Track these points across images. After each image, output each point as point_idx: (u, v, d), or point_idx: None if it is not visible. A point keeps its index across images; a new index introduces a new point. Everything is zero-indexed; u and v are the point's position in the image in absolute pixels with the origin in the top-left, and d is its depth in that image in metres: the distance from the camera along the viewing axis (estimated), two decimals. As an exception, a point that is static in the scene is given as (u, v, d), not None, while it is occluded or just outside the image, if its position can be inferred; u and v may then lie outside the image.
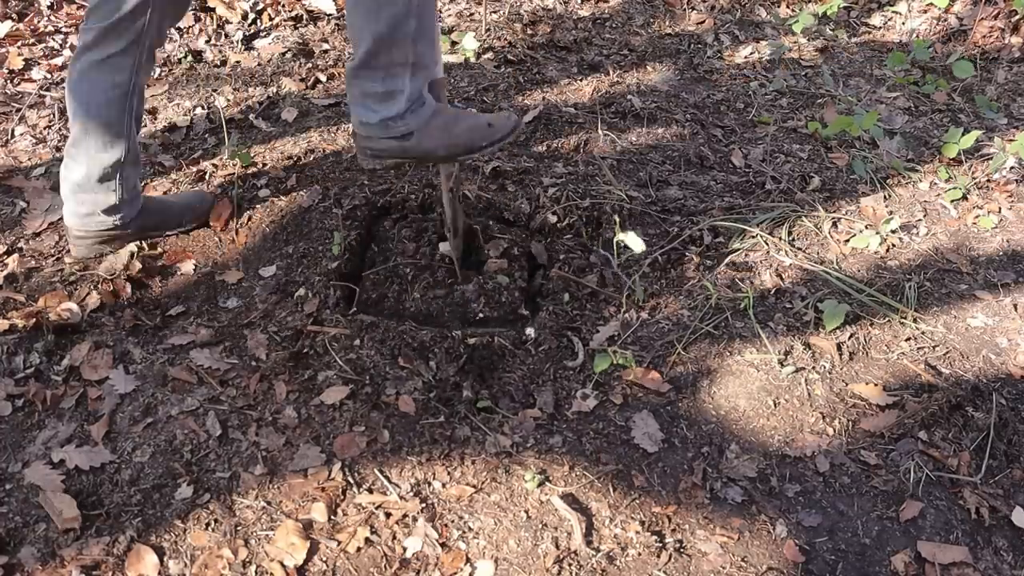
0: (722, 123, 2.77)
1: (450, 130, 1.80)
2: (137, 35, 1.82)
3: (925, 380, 1.86)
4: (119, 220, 2.00)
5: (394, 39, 1.66)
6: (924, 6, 3.58)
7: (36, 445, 1.64)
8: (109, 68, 1.84)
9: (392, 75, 1.71)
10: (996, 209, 2.40)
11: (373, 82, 1.71)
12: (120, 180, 1.95)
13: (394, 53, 1.68)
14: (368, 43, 1.66)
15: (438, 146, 1.80)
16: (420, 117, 1.77)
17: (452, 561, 1.48)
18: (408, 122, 1.76)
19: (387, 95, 1.72)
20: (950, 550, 1.55)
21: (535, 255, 2.19)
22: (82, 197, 1.95)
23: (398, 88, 1.72)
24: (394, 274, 2.07)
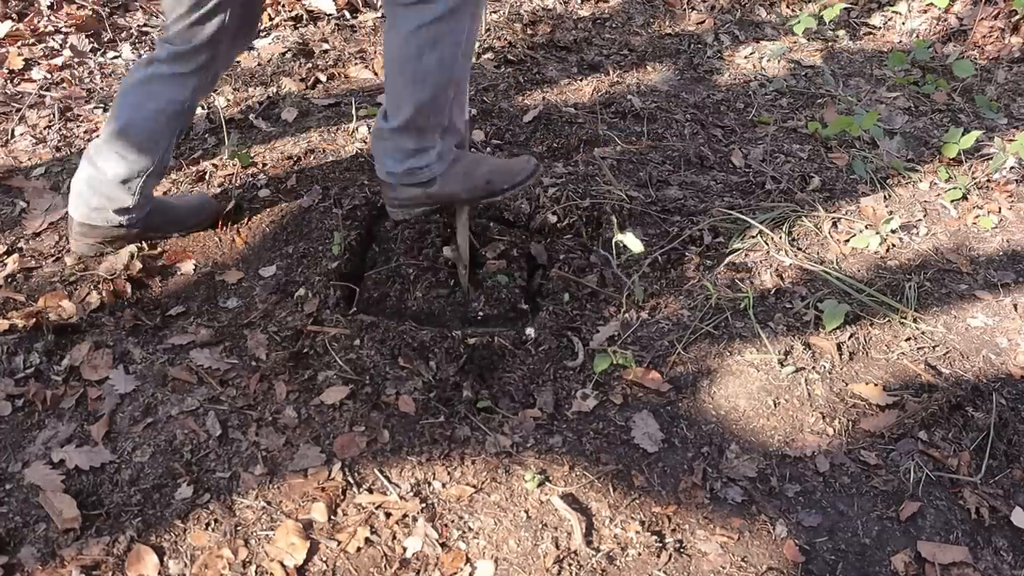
0: (722, 123, 2.77)
1: (471, 174, 1.87)
2: (208, 61, 1.86)
3: (925, 380, 1.86)
4: (127, 220, 2.00)
5: (435, 106, 1.72)
6: (924, 6, 3.58)
7: (36, 445, 1.64)
8: (173, 83, 1.86)
9: (426, 136, 1.77)
10: (996, 209, 2.40)
11: (407, 141, 1.78)
12: (141, 186, 1.96)
13: (432, 119, 1.74)
14: (410, 110, 1.72)
15: (461, 190, 1.87)
16: (443, 163, 1.83)
17: (452, 561, 1.48)
18: (434, 168, 1.82)
19: (418, 151, 1.79)
20: (950, 550, 1.55)
21: (535, 255, 2.19)
22: (97, 190, 1.94)
23: (430, 146, 1.79)
24: (396, 274, 2.07)
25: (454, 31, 1.64)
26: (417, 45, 1.64)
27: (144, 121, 1.88)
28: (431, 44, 1.64)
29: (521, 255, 2.17)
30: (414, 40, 1.64)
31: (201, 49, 1.83)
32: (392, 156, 1.81)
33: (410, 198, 1.86)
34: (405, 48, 1.66)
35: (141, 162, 1.92)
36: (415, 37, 1.63)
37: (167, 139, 1.93)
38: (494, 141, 2.55)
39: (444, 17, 1.61)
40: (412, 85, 1.69)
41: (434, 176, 1.83)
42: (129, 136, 1.89)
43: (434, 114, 1.74)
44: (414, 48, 1.65)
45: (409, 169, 1.81)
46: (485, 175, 1.89)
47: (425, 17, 1.61)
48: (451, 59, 1.67)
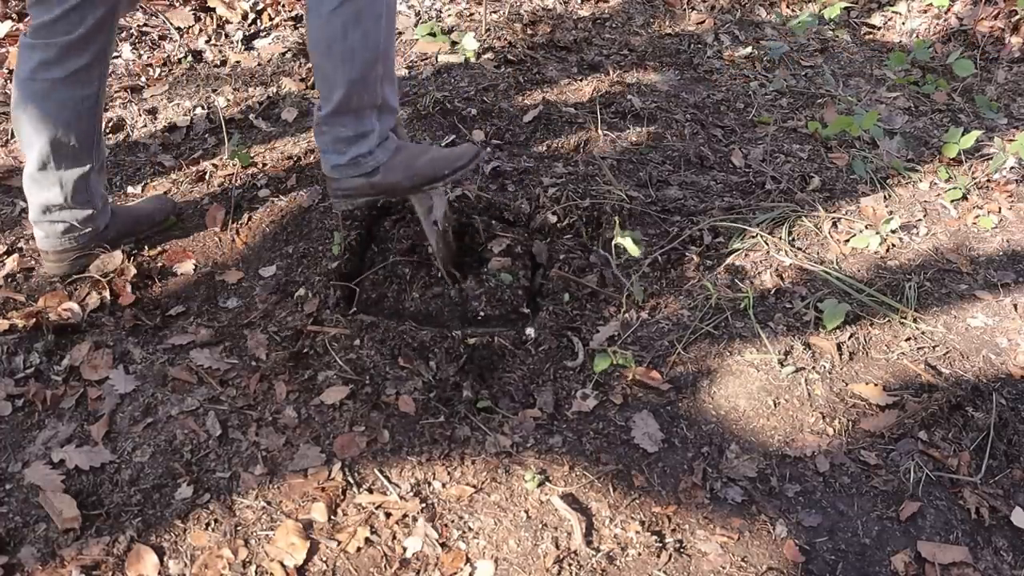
0: (722, 123, 2.77)
1: (412, 163, 1.89)
2: (103, 44, 1.77)
3: (925, 380, 1.86)
4: (94, 229, 1.97)
5: (365, 83, 1.72)
6: (924, 6, 3.58)
7: (36, 445, 1.64)
8: (75, 83, 1.76)
9: (362, 117, 1.78)
10: (996, 209, 2.40)
11: (344, 127, 1.78)
12: (92, 190, 1.91)
13: (365, 97, 1.75)
14: (343, 89, 1.72)
15: (402, 178, 1.88)
16: (386, 151, 1.85)
17: (452, 561, 1.48)
18: (377, 157, 1.83)
19: (358, 137, 1.80)
20: (950, 550, 1.55)
21: (535, 254, 2.19)
22: (57, 216, 1.90)
23: (368, 128, 1.80)
24: (393, 274, 2.07)
25: (374, 3, 1.65)
26: (341, 23, 1.65)
27: (67, 134, 1.80)
28: (354, 20, 1.65)
29: (525, 253, 2.17)
30: (336, 19, 1.64)
31: (93, 29, 1.72)
32: (334, 148, 1.82)
33: (354, 188, 1.87)
34: (328, 29, 1.66)
35: (82, 169, 1.86)
36: (337, 16, 1.64)
37: (96, 133, 1.87)
38: (494, 141, 2.55)
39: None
40: (341, 65, 1.69)
41: (377, 165, 1.84)
42: (60, 154, 1.82)
43: (366, 92, 1.74)
44: (338, 27, 1.65)
45: (353, 159, 1.81)
46: (427, 162, 1.90)
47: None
48: (375, 32, 1.68)
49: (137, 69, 2.85)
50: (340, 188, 1.88)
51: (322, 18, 1.67)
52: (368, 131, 1.80)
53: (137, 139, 2.54)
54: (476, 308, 2.01)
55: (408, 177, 1.89)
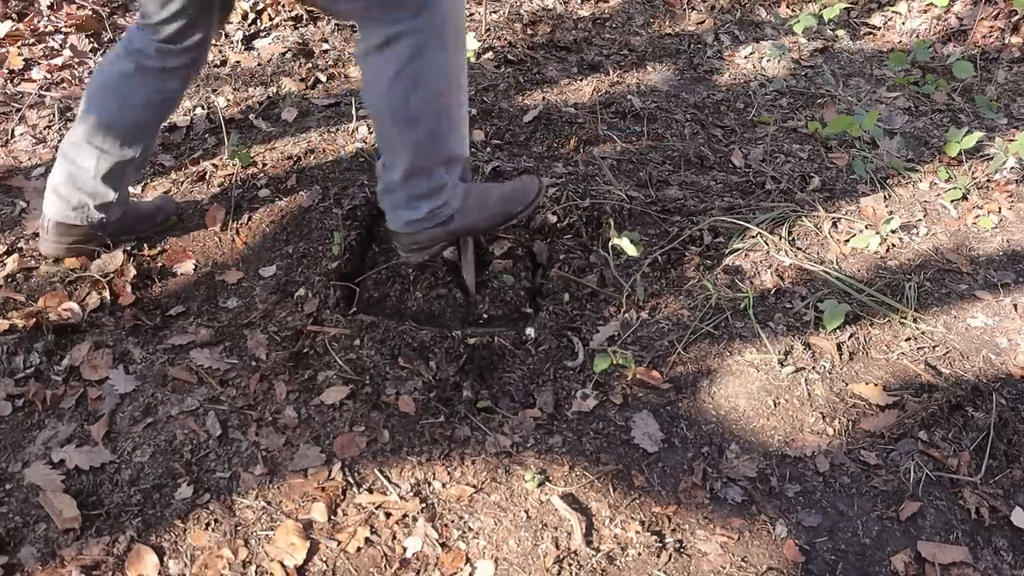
0: (722, 123, 2.77)
1: (485, 203, 1.89)
2: (200, 54, 1.86)
3: (925, 380, 1.86)
4: (104, 218, 1.98)
5: (433, 143, 1.72)
6: (924, 6, 3.58)
7: (36, 445, 1.64)
8: (162, 76, 1.84)
9: (432, 174, 1.77)
10: (996, 209, 2.40)
11: (417, 186, 1.78)
12: (124, 179, 1.95)
13: (432, 157, 1.74)
14: (410, 155, 1.72)
15: (479, 220, 1.89)
16: (458, 197, 1.84)
17: (452, 561, 1.48)
18: (452, 204, 1.83)
19: (432, 191, 1.79)
20: (950, 550, 1.55)
21: (536, 253, 2.19)
22: (79, 187, 1.91)
23: (442, 183, 1.79)
24: (396, 274, 2.07)
25: (431, 65, 1.63)
26: (401, 90, 1.64)
27: (131, 115, 1.85)
28: (413, 85, 1.63)
29: (526, 254, 2.17)
30: (396, 87, 1.64)
31: (194, 47, 1.82)
32: (407, 206, 1.81)
33: (430, 239, 1.86)
34: (390, 97, 1.65)
35: (127, 154, 1.89)
36: (396, 83, 1.63)
37: (154, 128, 1.91)
38: (494, 141, 2.55)
39: (416, 55, 1.61)
40: (405, 129, 1.69)
41: (452, 213, 1.84)
42: (113, 130, 1.85)
43: (434, 151, 1.74)
44: (399, 94, 1.64)
45: (430, 212, 1.81)
46: (499, 201, 1.91)
47: (402, 59, 1.61)
48: (436, 94, 1.66)
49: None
50: (416, 242, 1.86)
51: (381, 88, 1.65)
52: (442, 184, 1.79)
53: (139, 139, 2.54)
54: (480, 310, 2.01)
55: (484, 219, 1.90)
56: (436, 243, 1.88)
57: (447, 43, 1.64)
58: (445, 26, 1.62)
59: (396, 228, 1.86)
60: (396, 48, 1.60)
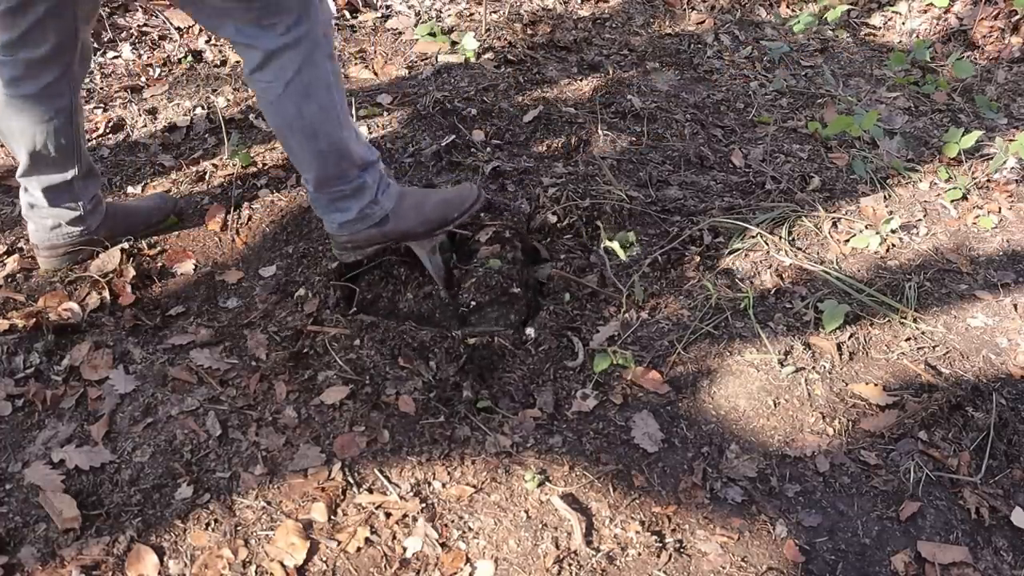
0: (722, 123, 2.77)
1: (421, 208, 1.94)
2: (71, 57, 1.74)
3: (925, 380, 1.86)
4: (85, 227, 1.97)
5: (336, 150, 1.75)
6: (924, 6, 3.58)
7: (36, 445, 1.64)
8: (47, 97, 1.75)
9: (349, 177, 1.81)
10: (996, 209, 2.40)
11: (337, 192, 1.82)
12: (77, 193, 1.91)
13: (341, 162, 1.78)
14: (316, 163, 1.76)
15: (416, 224, 1.93)
16: (391, 198, 1.89)
17: (452, 561, 1.48)
18: (383, 204, 1.87)
19: (356, 190, 1.83)
20: (950, 550, 1.55)
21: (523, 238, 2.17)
22: (43, 212, 1.92)
23: (360, 183, 1.83)
24: (389, 274, 2.07)
25: (319, 75, 1.67)
26: (293, 104, 1.67)
27: (44, 147, 1.79)
28: (304, 96, 1.67)
29: (514, 235, 2.16)
30: (288, 100, 1.66)
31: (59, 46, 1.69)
32: (336, 207, 1.85)
33: (365, 239, 1.91)
34: (283, 111, 1.69)
35: (64, 176, 1.87)
36: (287, 97, 1.66)
37: (75, 145, 1.86)
38: (494, 141, 2.55)
39: (303, 67, 1.64)
40: (307, 141, 1.72)
41: (386, 214, 1.88)
42: (38, 164, 1.83)
43: (340, 158, 1.77)
44: (292, 108, 1.67)
45: (360, 212, 1.85)
46: (436, 206, 1.96)
47: (287, 73, 1.63)
48: (328, 102, 1.70)
49: (137, 69, 2.85)
50: (350, 242, 1.91)
51: (274, 103, 1.68)
52: (361, 185, 1.83)
53: (137, 139, 2.54)
54: (466, 299, 2.00)
55: (421, 223, 1.93)
56: (372, 244, 1.93)
57: (328, 52, 1.69)
58: (322, 36, 1.67)
59: (331, 231, 1.91)
60: (279, 62, 1.63)
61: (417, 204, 1.94)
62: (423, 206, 1.95)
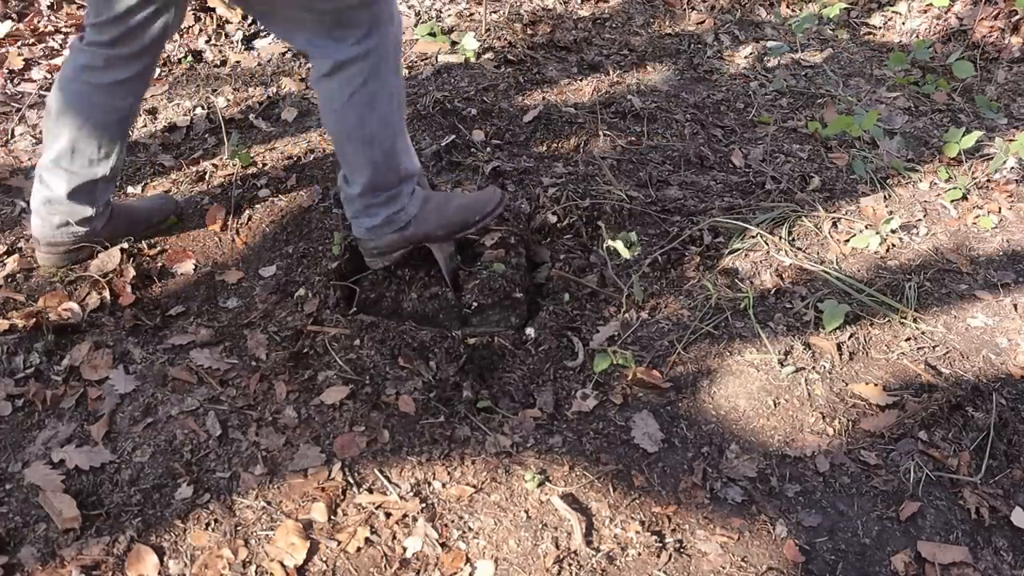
0: (722, 123, 2.77)
1: (443, 211, 1.96)
2: (151, 61, 1.83)
3: (925, 380, 1.86)
4: (91, 229, 1.97)
5: (389, 162, 1.80)
6: (924, 6, 3.58)
7: (36, 445, 1.64)
8: (113, 92, 1.80)
9: (391, 185, 1.84)
10: (996, 209, 2.40)
11: (375, 197, 1.85)
12: (98, 195, 1.93)
13: (390, 174, 1.82)
14: (368, 172, 1.80)
15: (436, 227, 1.95)
16: (416, 203, 1.91)
17: (452, 561, 1.48)
18: (408, 210, 1.90)
19: (389, 200, 1.87)
20: (950, 550, 1.55)
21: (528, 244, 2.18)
22: (56, 208, 1.91)
23: (397, 192, 1.86)
24: (392, 274, 2.07)
25: (384, 87, 1.71)
26: (356, 113, 1.71)
27: (91, 136, 1.82)
28: (368, 107, 1.71)
29: (519, 242, 2.16)
30: (351, 109, 1.70)
31: (145, 52, 1.76)
32: (366, 214, 1.88)
33: (388, 244, 1.94)
34: (346, 119, 1.73)
35: (95, 173, 1.88)
36: (351, 106, 1.70)
37: (118, 145, 1.88)
38: (494, 141, 2.55)
39: (370, 79, 1.68)
40: (363, 148, 1.76)
41: (409, 219, 1.91)
42: (78, 153, 1.84)
43: (390, 169, 1.81)
44: (354, 117, 1.72)
45: (387, 218, 1.88)
46: (457, 210, 1.97)
47: (354, 84, 1.67)
48: (389, 114, 1.74)
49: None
50: (376, 247, 1.94)
51: (337, 110, 1.72)
52: (397, 194, 1.87)
53: (137, 139, 2.54)
54: (469, 300, 1.99)
55: (442, 226, 1.96)
56: (396, 249, 1.96)
57: (395, 67, 1.73)
58: (392, 50, 1.70)
59: (359, 235, 1.94)
60: (347, 73, 1.67)
61: (439, 208, 1.96)
62: (445, 210, 1.96)
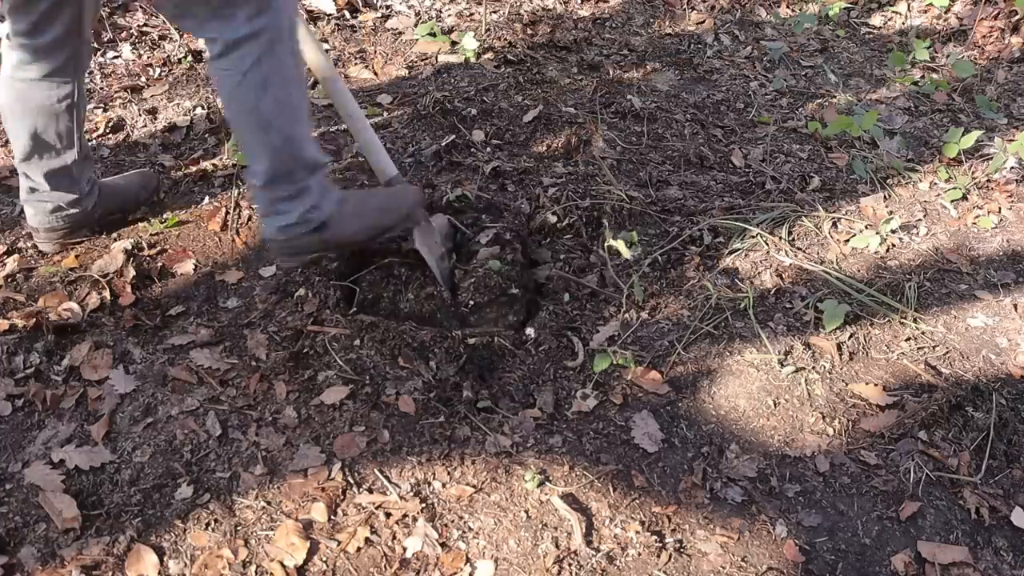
0: (722, 123, 2.77)
1: (362, 213, 1.90)
2: (76, 47, 1.80)
3: (925, 380, 1.86)
4: (82, 210, 2.02)
5: (289, 148, 1.73)
6: (924, 6, 3.58)
7: (36, 445, 1.64)
8: (49, 84, 1.81)
9: (295, 179, 1.77)
10: (996, 209, 2.40)
11: (282, 189, 1.77)
12: (76, 177, 1.96)
13: (292, 161, 1.75)
14: (269, 158, 1.73)
15: (357, 231, 1.89)
16: (332, 203, 1.83)
17: (452, 561, 1.48)
18: (323, 209, 1.81)
19: (298, 192, 1.78)
20: (950, 550, 1.55)
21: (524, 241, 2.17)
22: (44, 196, 1.96)
23: (306, 185, 1.79)
24: (390, 275, 2.07)
25: (279, 69, 1.66)
26: (251, 93, 1.66)
27: (45, 133, 1.85)
28: (262, 87, 1.65)
29: (514, 238, 2.15)
30: (244, 90, 1.65)
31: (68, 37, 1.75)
32: (277, 210, 1.80)
33: (304, 245, 1.85)
34: (240, 101, 1.68)
35: (63, 161, 1.91)
36: (244, 87, 1.65)
37: (76, 132, 1.90)
38: (494, 141, 2.55)
39: (263, 57, 1.63)
40: (260, 134, 1.70)
41: (326, 219, 1.82)
42: (39, 150, 1.87)
43: (292, 157, 1.74)
44: (249, 97, 1.66)
45: (301, 216, 1.80)
46: (376, 211, 1.92)
47: (245, 63, 1.63)
48: (286, 98, 1.69)
49: (137, 69, 2.85)
50: (289, 246, 1.85)
51: (230, 91, 1.68)
52: (305, 187, 1.79)
53: (137, 139, 2.54)
54: (465, 298, 1.99)
55: (363, 228, 1.90)
56: (311, 251, 1.88)
57: (291, 48, 1.68)
58: (286, 30, 1.66)
59: (270, 235, 1.85)
60: (239, 53, 1.63)
61: (358, 209, 1.90)
62: (364, 212, 1.92)
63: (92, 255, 2.06)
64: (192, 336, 1.88)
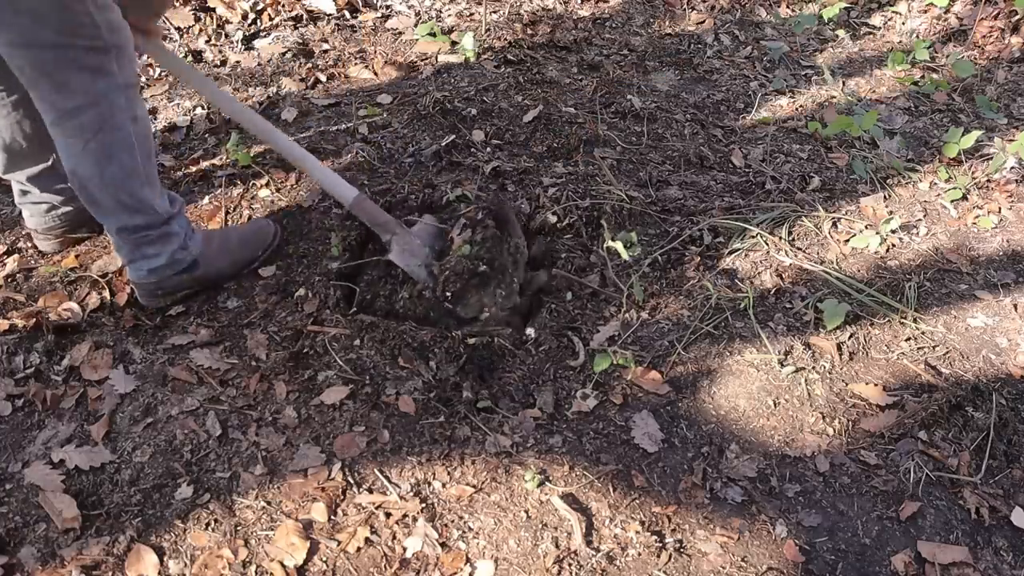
0: (722, 123, 2.77)
1: (228, 248, 1.97)
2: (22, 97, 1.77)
3: (925, 380, 1.86)
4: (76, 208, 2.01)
5: (139, 203, 1.74)
6: (924, 6, 3.58)
7: (36, 445, 1.64)
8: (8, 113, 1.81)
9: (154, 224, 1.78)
10: (996, 209, 2.40)
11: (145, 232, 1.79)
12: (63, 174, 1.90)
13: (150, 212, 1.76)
14: (123, 213, 1.74)
15: (226, 265, 1.97)
16: (198, 243, 1.89)
17: (452, 561, 1.48)
18: (190, 250, 1.87)
19: (162, 236, 1.81)
20: (950, 550, 1.55)
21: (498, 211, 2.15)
22: (36, 197, 1.97)
23: (168, 229, 1.82)
24: (387, 275, 2.07)
25: (120, 137, 1.65)
26: (94, 162, 1.65)
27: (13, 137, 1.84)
28: (106, 157, 1.65)
29: (487, 214, 2.13)
30: (87, 159, 1.65)
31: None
32: (144, 254, 1.82)
33: (176, 285, 1.90)
34: (84, 168, 1.67)
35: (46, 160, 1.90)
36: (86, 157, 1.64)
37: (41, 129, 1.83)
38: (494, 141, 2.55)
39: (103, 128, 1.62)
40: (109, 196, 1.71)
41: (195, 258, 1.88)
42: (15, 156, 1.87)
43: (146, 210, 1.76)
44: (93, 166, 1.66)
45: (171, 258, 1.83)
46: (239, 246, 2.00)
47: (85, 134, 1.61)
48: (131, 162, 1.69)
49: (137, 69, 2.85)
50: (160, 287, 1.88)
51: (74, 159, 1.66)
52: (168, 231, 1.82)
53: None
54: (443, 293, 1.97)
55: (230, 264, 1.97)
56: (182, 288, 1.93)
57: (132, 113, 1.66)
58: (124, 98, 1.63)
59: (139, 279, 1.87)
60: (77, 123, 1.61)
61: (223, 246, 1.97)
62: (229, 246, 1.98)
63: (92, 255, 2.06)
64: (192, 336, 1.88)
